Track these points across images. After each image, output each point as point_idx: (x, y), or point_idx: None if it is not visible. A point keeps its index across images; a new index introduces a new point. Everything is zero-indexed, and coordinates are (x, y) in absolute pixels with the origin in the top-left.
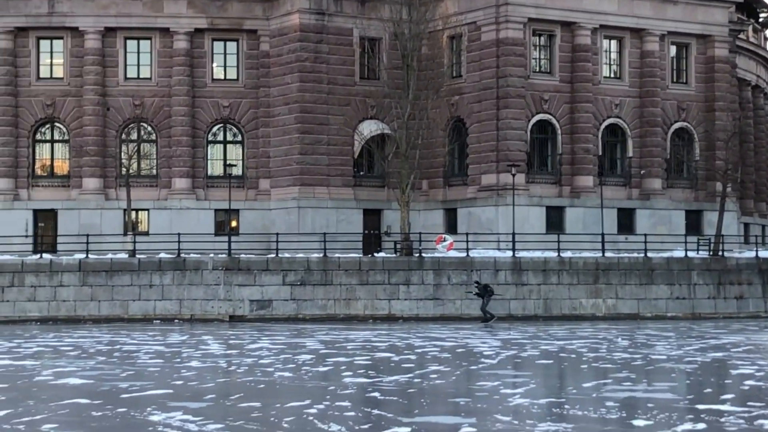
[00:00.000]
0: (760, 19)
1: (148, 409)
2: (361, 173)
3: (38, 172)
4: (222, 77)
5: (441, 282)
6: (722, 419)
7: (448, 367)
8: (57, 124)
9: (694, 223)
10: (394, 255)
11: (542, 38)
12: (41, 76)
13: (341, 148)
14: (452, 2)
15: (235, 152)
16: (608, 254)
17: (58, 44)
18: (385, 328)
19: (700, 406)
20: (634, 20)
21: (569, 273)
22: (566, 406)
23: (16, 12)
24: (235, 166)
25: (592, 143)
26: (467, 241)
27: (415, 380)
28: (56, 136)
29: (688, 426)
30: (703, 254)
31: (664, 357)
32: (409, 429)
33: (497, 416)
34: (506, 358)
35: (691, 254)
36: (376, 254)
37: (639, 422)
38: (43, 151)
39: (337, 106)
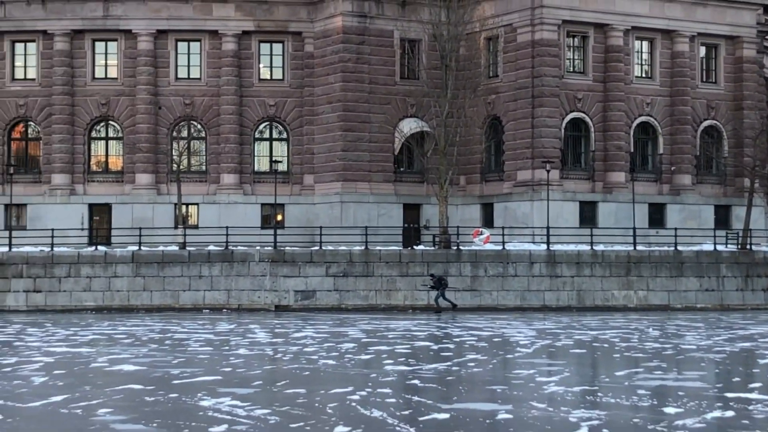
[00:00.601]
0: None
1: (199, 394)
2: (401, 169)
3: (93, 168)
4: (268, 77)
5: (478, 274)
6: (750, 407)
7: (485, 355)
8: (111, 122)
9: (722, 217)
10: (432, 248)
11: (576, 39)
12: (96, 76)
13: (382, 145)
14: (489, 5)
15: (280, 149)
16: (639, 247)
17: (112, 46)
18: (424, 318)
19: (729, 395)
20: (665, 22)
21: (602, 266)
22: (599, 394)
23: (72, 15)
24: (280, 162)
25: (624, 140)
26: (503, 235)
27: (453, 368)
28: (110, 134)
29: (717, 413)
30: (732, 248)
31: (694, 347)
32: (447, 415)
33: (533, 403)
34: (541, 347)
35: (719, 248)
36: (415, 247)
37: (670, 410)
38: (98, 148)
39: (378, 105)
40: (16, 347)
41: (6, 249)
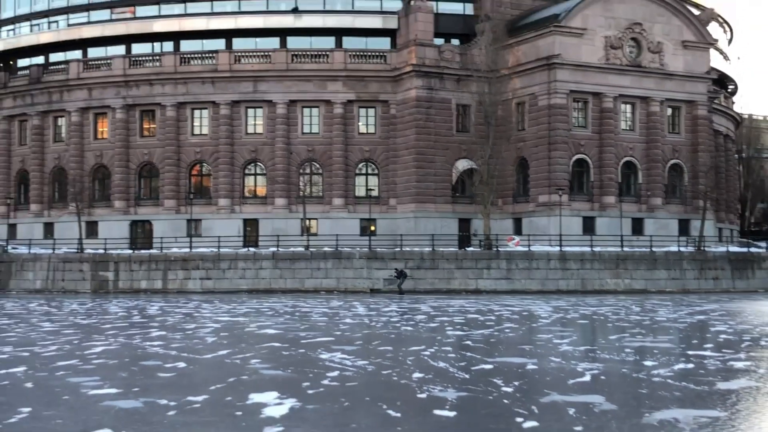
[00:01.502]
0: (729, 90)
1: (318, 350)
2: (457, 194)
3: (246, 194)
4: (365, 131)
5: (511, 267)
6: (705, 361)
7: (516, 324)
8: (258, 163)
9: (684, 228)
10: (479, 249)
11: (579, 103)
12: (248, 132)
13: (443, 177)
14: (518, 80)
15: (373, 181)
16: (625, 249)
17: (259, 111)
18: (473, 298)
19: (690, 352)
20: (642, 91)
21: (598, 262)
22: (597, 352)
23: (232, 91)
24: (373, 190)
25: (613, 174)
26: (528, 240)
27: (494, 333)
28: (258, 171)
29: (681, 366)
30: (690, 249)
31: (664, 319)
32: (491, 366)
33: (551, 358)
34: (556, 318)
35: (682, 249)
36: (466, 249)
37: (648, 363)
38: (249, 181)
39: (441, 150)
40: (194, 317)
41: (188, 250)
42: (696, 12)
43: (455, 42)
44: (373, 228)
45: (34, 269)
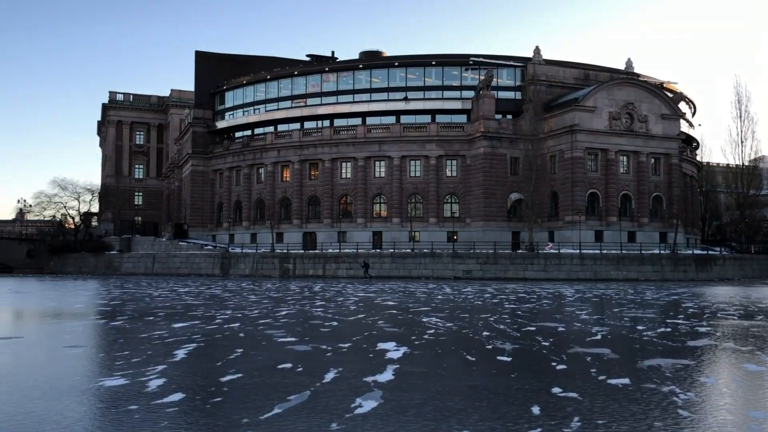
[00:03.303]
0: (693, 145)
1: (421, 315)
2: (510, 215)
3: (374, 215)
4: (450, 175)
5: (546, 263)
6: (679, 326)
7: (550, 301)
8: (382, 195)
9: (663, 238)
10: (525, 251)
11: (592, 155)
12: (375, 176)
13: (501, 204)
14: (551, 140)
15: (455, 206)
16: (623, 251)
17: (382, 163)
18: (522, 284)
19: (668, 320)
20: (634, 147)
21: (606, 259)
22: (605, 319)
23: (365, 151)
24: (455, 212)
25: (615, 202)
26: (558, 245)
27: (536, 307)
28: (381, 200)
29: (662, 329)
30: (667, 252)
31: (650, 298)
32: (534, 328)
33: (574, 323)
34: (577, 297)
35: (662, 252)
36: (517, 251)
37: (640, 327)
38: (376, 207)
39: (500, 186)
40: (342, 293)
41: (338, 250)
42: (670, 95)
43: (509, 117)
44: (455, 237)
45: (244, 262)
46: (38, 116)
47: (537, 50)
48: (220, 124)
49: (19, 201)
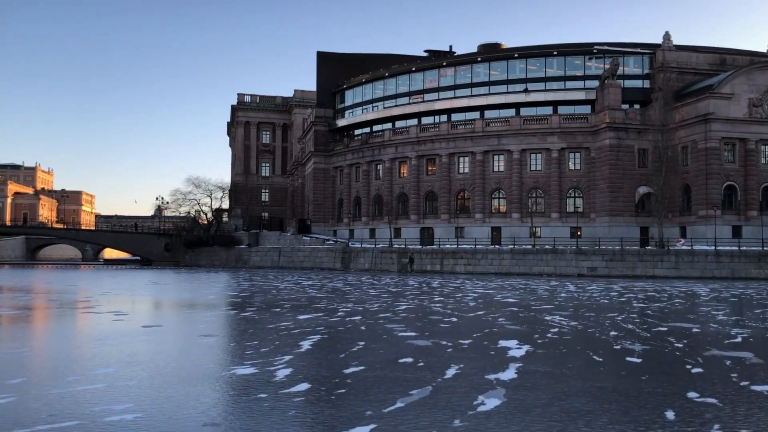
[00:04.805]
0: None
1: (543, 313)
2: (638, 210)
3: (493, 211)
4: (573, 168)
5: (678, 260)
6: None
7: (683, 300)
8: (501, 190)
9: None
10: (654, 248)
11: (728, 146)
12: (494, 170)
13: (628, 198)
14: (683, 131)
15: (578, 201)
16: (765, 248)
17: (501, 157)
18: (651, 282)
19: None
20: None
21: (745, 257)
22: (745, 321)
23: (484, 144)
24: (578, 207)
25: (755, 195)
26: (691, 242)
27: (667, 306)
28: (500, 195)
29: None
30: None
31: None
32: (665, 328)
33: (710, 324)
34: (713, 297)
35: None
36: (645, 247)
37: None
38: (495, 202)
39: (627, 180)
40: (461, 289)
41: (455, 246)
42: None
43: (636, 106)
44: (579, 233)
45: (363, 257)
46: (174, 119)
47: (667, 35)
48: (340, 122)
49: (157, 198)
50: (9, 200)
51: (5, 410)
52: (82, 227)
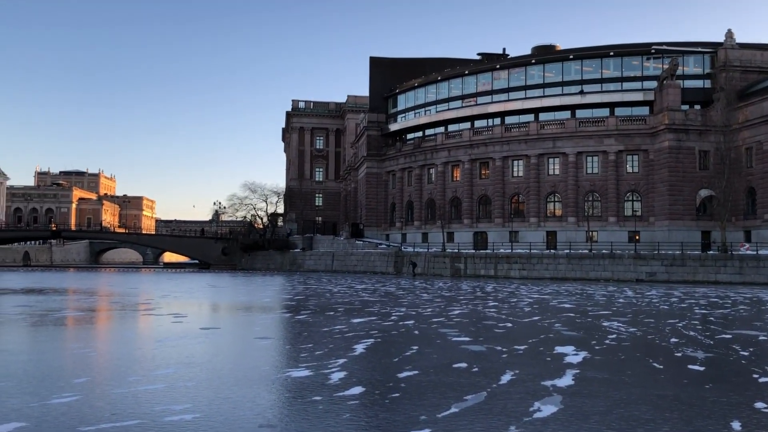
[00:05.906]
0: None
1: (601, 319)
2: (699, 213)
3: (548, 214)
4: (631, 171)
5: (742, 266)
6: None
7: (748, 307)
8: (556, 194)
9: None
10: (717, 252)
11: None
12: (549, 173)
13: (689, 201)
14: (747, 131)
15: (637, 205)
16: None
17: (556, 160)
18: (713, 288)
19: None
20: None
21: None
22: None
23: (539, 147)
24: (637, 211)
25: None
26: (756, 246)
27: (731, 312)
28: (556, 199)
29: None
30: None
31: None
32: (730, 336)
33: None
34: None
35: None
36: (707, 252)
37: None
38: (550, 206)
39: (688, 183)
40: (515, 294)
41: (510, 251)
42: None
43: (697, 107)
44: (637, 237)
45: (416, 261)
46: (232, 126)
47: (729, 34)
48: (393, 127)
49: (215, 203)
50: (74, 206)
51: (71, 408)
52: (143, 232)
